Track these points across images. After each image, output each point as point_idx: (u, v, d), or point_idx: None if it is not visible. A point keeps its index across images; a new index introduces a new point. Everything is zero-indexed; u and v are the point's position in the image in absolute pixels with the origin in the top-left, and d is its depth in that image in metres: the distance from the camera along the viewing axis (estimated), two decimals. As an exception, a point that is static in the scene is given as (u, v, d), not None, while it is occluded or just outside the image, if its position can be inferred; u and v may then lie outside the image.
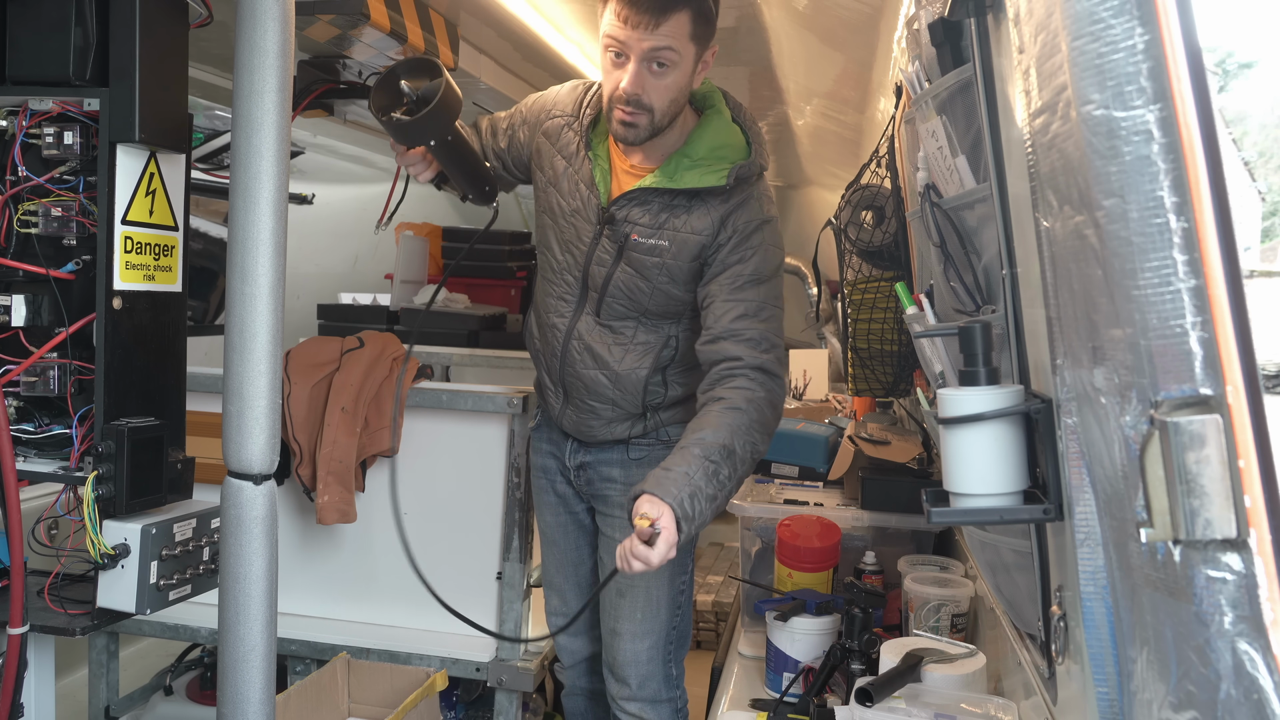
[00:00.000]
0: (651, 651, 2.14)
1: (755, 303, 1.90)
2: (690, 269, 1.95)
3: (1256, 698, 0.72)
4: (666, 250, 1.94)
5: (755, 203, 1.94)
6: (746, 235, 1.92)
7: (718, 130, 1.94)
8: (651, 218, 1.94)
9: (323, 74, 2.23)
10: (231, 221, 1.29)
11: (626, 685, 2.16)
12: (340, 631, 2.50)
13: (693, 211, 1.92)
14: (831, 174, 4.30)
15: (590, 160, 1.99)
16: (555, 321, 2.09)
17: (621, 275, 1.98)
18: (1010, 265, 1.15)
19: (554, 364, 2.11)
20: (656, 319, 2.02)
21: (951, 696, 1.44)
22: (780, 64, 2.74)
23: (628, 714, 2.17)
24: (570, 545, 2.27)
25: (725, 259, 1.92)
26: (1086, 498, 0.89)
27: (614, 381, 2.04)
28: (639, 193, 1.94)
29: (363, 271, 4.73)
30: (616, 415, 2.09)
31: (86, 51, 1.46)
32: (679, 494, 1.68)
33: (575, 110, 2.03)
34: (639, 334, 2.03)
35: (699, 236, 1.92)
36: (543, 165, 2.07)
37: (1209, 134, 0.75)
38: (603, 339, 2.04)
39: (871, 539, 2.31)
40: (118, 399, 1.48)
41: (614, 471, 2.14)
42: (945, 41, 1.29)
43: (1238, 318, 0.74)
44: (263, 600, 1.30)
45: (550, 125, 2.06)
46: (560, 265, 2.06)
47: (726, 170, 1.89)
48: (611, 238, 1.97)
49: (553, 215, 2.05)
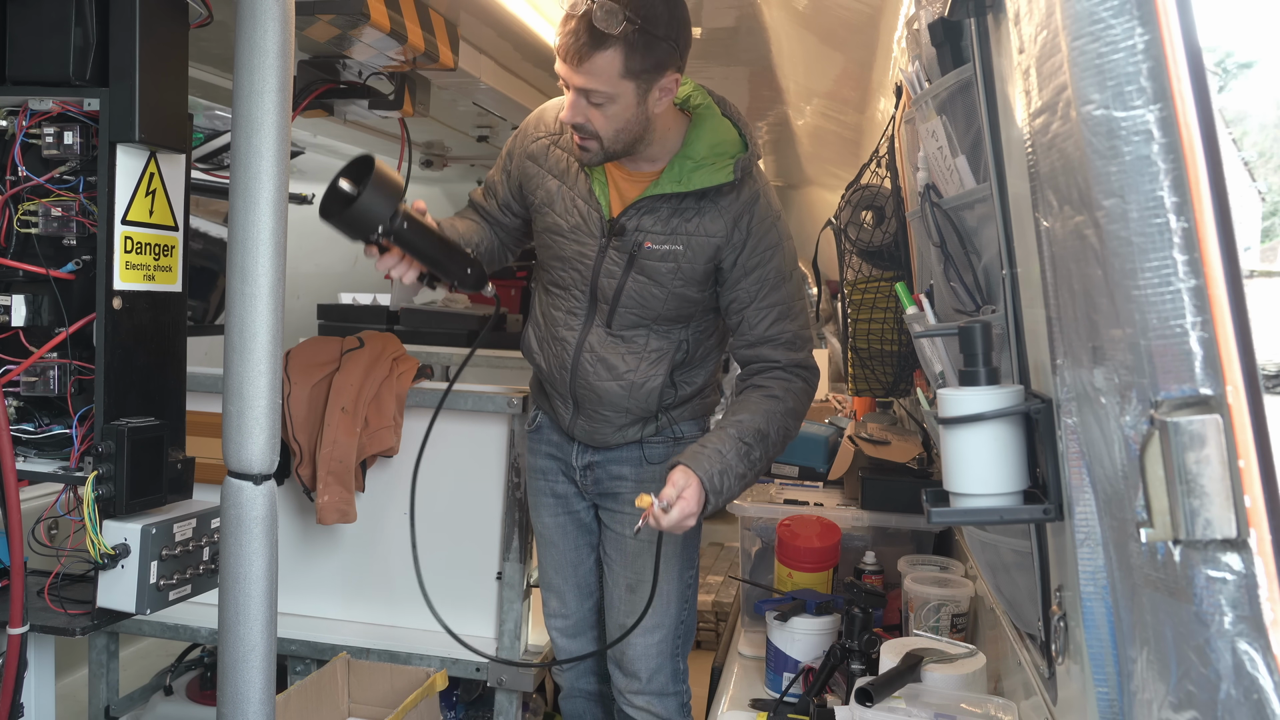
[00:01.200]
0: (661, 645, 2.16)
1: (784, 304, 1.97)
2: (704, 270, 1.96)
3: (1256, 698, 0.72)
4: (681, 255, 1.94)
5: (764, 199, 1.95)
6: (762, 235, 1.93)
7: (713, 128, 1.93)
8: (663, 224, 1.93)
9: (323, 74, 2.23)
10: (231, 221, 1.29)
11: (636, 679, 2.17)
12: (340, 631, 2.50)
13: (704, 214, 1.92)
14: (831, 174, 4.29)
15: (587, 174, 1.97)
16: (564, 335, 2.07)
17: (633, 285, 1.98)
18: (1010, 265, 1.15)
19: (564, 377, 2.09)
20: (668, 325, 2.03)
21: (951, 696, 1.44)
22: (780, 64, 2.74)
23: (636, 708, 2.18)
24: (569, 546, 2.26)
25: (745, 262, 1.94)
26: (1086, 498, 0.89)
27: (628, 390, 2.04)
28: (647, 200, 1.93)
29: (363, 271, 4.73)
30: (628, 421, 2.09)
31: (86, 51, 1.46)
32: (710, 469, 1.81)
33: (559, 128, 2.01)
34: (651, 341, 2.03)
35: (713, 239, 1.93)
36: (534, 189, 2.05)
37: (1209, 134, 0.75)
38: (615, 349, 2.03)
39: (871, 539, 2.31)
40: (118, 399, 1.48)
41: (625, 470, 2.14)
42: (945, 41, 1.29)
43: (1238, 318, 0.74)
44: (263, 600, 1.30)
45: (534, 148, 2.04)
46: (566, 281, 2.05)
47: (731, 165, 1.89)
48: (620, 248, 1.96)
49: (552, 234, 2.04)
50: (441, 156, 4.10)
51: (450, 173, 4.41)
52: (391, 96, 2.38)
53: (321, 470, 2.37)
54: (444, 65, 2.23)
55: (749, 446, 1.87)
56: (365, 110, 2.35)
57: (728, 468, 1.83)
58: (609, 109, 1.79)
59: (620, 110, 1.79)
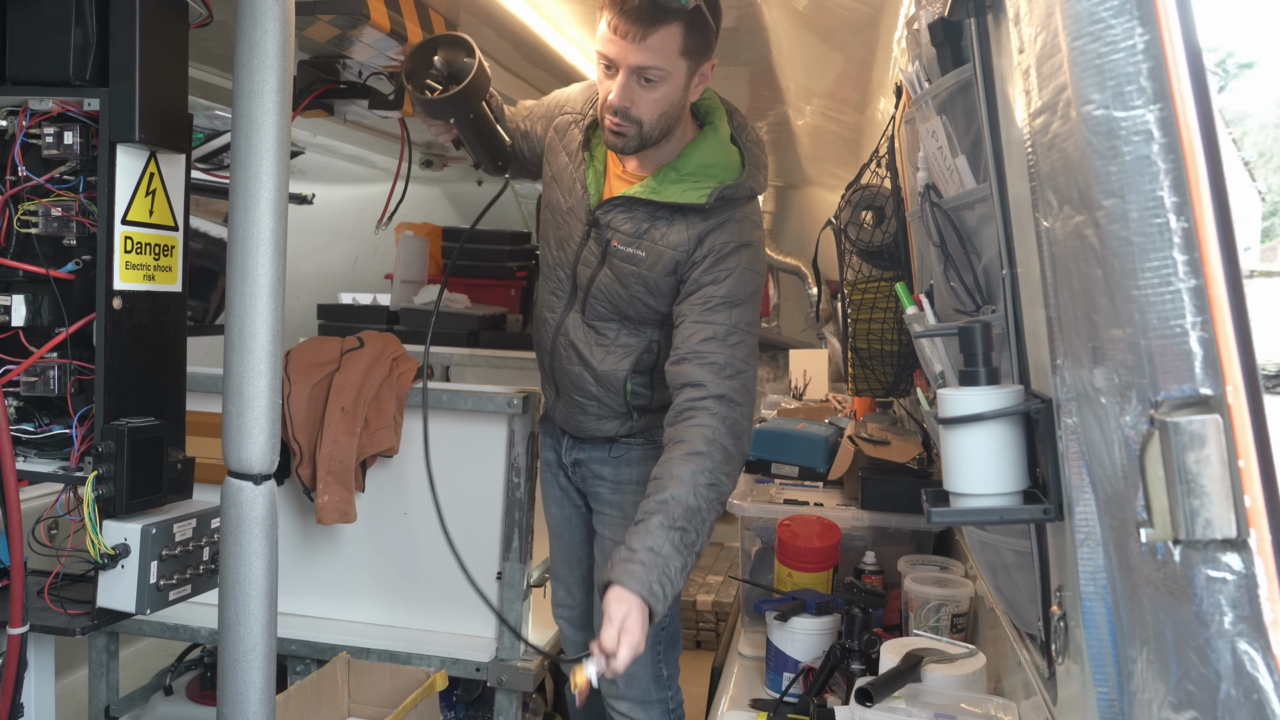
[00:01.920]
0: None
1: (725, 326, 1.85)
2: (667, 283, 1.94)
3: (1256, 698, 0.72)
4: (643, 261, 1.93)
5: (736, 225, 1.91)
6: (722, 256, 1.88)
7: (711, 148, 1.92)
8: (634, 226, 1.93)
9: (323, 74, 2.23)
10: (231, 221, 1.29)
11: (614, 684, 2.16)
12: (340, 631, 2.50)
13: (673, 225, 1.91)
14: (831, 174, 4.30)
15: (586, 161, 2.00)
16: (547, 316, 2.12)
17: (604, 278, 1.99)
18: (1010, 265, 1.15)
19: (545, 358, 2.15)
20: (637, 324, 2.03)
21: (951, 696, 1.44)
22: (780, 64, 2.74)
23: (618, 713, 2.19)
24: (575, 539, 2.30)
25: (699, 278, 1.89)
26: (1086, 498, 0.89)
27: (596, 380, 2.06)
28: (624, 200, 1.94)
29: (363, 271, 4.73)
30: (604, 412, 2.11)
31: (86, 51, 1.46)
32: (647, 579, 1.64)
33: (583, 108, 2.04)
34: (621, 336, 2.04)
35: (674, 252, 1.91)
36: (550, 160, 2.09)
37: (1209, 134, 0.75)
38: (586, 338, 2.06)
39: (871, 539, 2.31)
40: (118, 399, 1.48)
41: (604, 470, 2.17)
42: (945, 41, 1.29)
43: (1238, 318, 0.74)
44: (263, 600, 1.30)
45: (560, 121, 2.08)
46: (555, 261, 2.08)
47: (709, 190, 1.87)
48: (597, 240, 1.98)
49: (552, 211, 2.08)
50: (441, 156, 4.11)
51: (450, 173, 4.41)
52: (391, 96, 2.38)
53: (321, 470, 2.37)
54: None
55: (682, 530, 1.69)
56: (365, 110, 2.35)
57: (666, 567, 1.65)
58: (659, 89, 1.78)
59: (669, 92, 1.79)
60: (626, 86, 1.78)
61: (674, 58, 1.75)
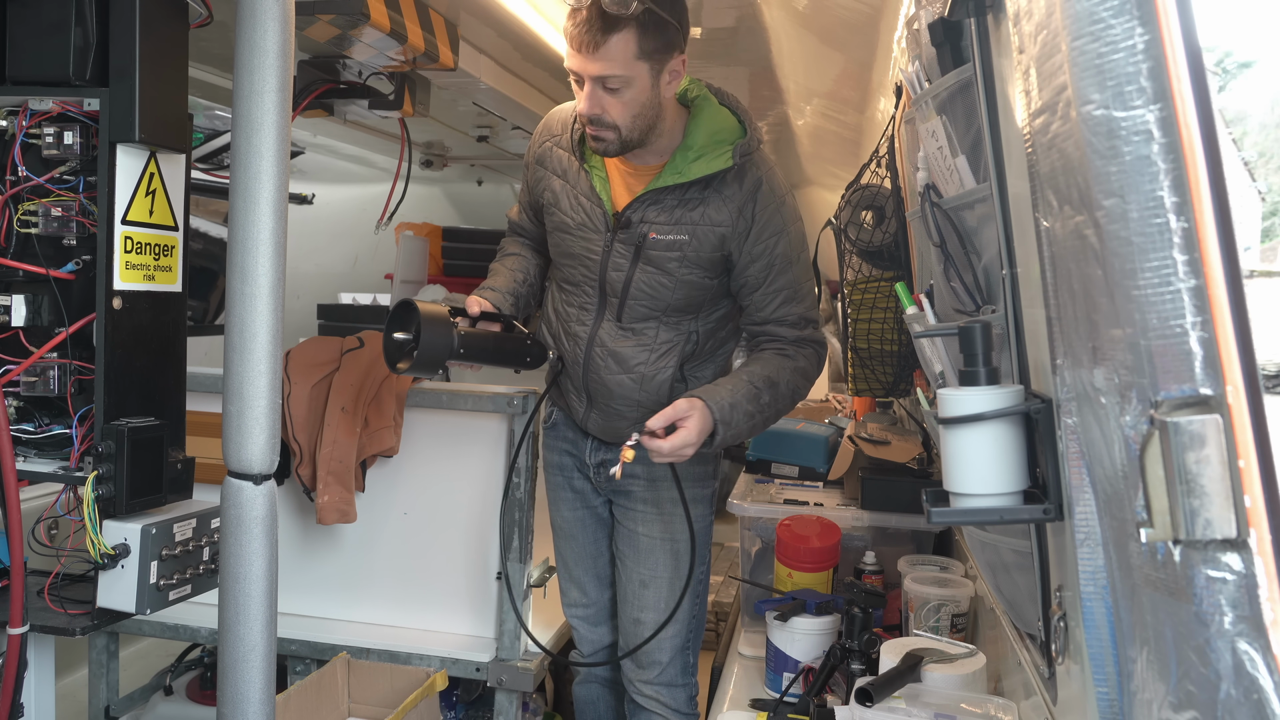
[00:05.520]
0: (674, 638, 2.22)
1: (790, 288, 2.01)
2: (712, 258, 1.99)
3: (1256, 698, 0.72)
4: (687, 244, 1.97)
5: (766, 185, 1.97)
6: (766, 221, 1.96)
7: (711, 117, 1.96)
8: (668, 214, 1.96)
9: (323, 74, 2.23)
10: (231, 221, 1.29)
11: (649, 670, 2.23)
12: (340, 631, 2.50)
13: (708, 203, 1.95)
14: (831, 174, 4.29)
15: (587, 172, 2.01)
16: (576, 331, 2.12)
17: (641, 276, 2.01)
18: (1010, 265, 1.15)
19: (577, 372, 2.14)
20: (678, 315, 2.06)
21: (951, 696, 1.44)
22: (780, 64, 2.74)
23: (646, 696, 2.24)
24: (589, 539, 2.32)
25: (750, 249, 1.97)
26: (1086, 498, 0.89)
27: (639, 383, 2.07)
28: (651, 194, 1.96)
29: (363, 271, 4.73)
30: (642, 415, 2.10)
31: (86, 51, 1.46)
32: (720, 399, 1.87)
33: (558, 130, 2.08)
34: (660, 333, 2.06)
35: (719, 228, 1.95)
36: (542, 191, 2.12)
37: (1209, 134, 0.75)
38: (625, 343, 2.07)
39: (871, 539, 2.31)
40: (118, 399, 1.48)
41: (637, 468, 2.17)
42: (945, 41, 1.29)
43: (1238, 318, 0.74)
44: (263, 600, 1.30)
45: (540, 152, 2.11)
46: (576, 278, 2.09)
47: (730, 151, 1.91)
48: (626, 241, 2.00)
49: (561, 232, 2.09)
50: (441, 156, 4.11)
51: (450, 173, 4.41)
52: (391, 96, 2.38)
53: (321, 470, 2.37)
54: (444, 65, 2.23)
55: (758, 390, 1.91)
56: (365, 110, 2.36)
57: (737, 402, 1.87)
58: (625, 94, 1.81)
59: (636, 94, 1.82)
60: (593, 95, 1.83)
61: (631, 63, 1.78)
